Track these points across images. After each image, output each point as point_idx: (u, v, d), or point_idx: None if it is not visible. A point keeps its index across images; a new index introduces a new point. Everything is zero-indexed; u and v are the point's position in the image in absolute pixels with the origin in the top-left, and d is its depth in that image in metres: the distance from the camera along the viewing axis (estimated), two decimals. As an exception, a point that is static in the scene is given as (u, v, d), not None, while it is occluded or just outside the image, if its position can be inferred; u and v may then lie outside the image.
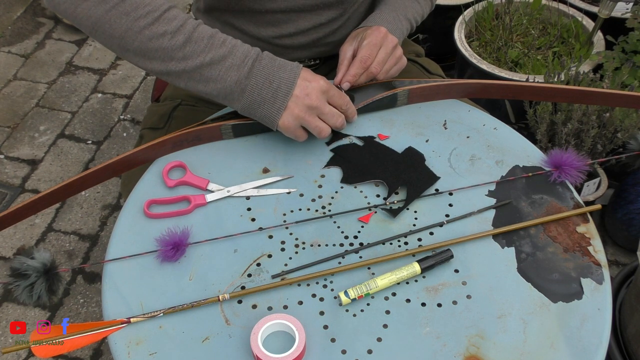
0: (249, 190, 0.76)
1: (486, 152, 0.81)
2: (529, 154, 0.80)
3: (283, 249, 0.70)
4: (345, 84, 0.84)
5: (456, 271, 0.68)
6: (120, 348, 0.62)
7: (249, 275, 0.68)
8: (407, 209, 0.74)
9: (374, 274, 0.67)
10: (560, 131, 1.29)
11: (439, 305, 0.65)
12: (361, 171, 0.78)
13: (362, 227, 0.72)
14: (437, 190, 0.76)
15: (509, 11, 1.59)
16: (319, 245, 0.70)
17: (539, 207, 0.74)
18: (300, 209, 0.74)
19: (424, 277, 0.67)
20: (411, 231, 0.72)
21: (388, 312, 0.64)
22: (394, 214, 0.73)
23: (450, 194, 0.76)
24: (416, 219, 0.73)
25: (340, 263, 0.69)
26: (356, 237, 0.71)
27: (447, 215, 0.73)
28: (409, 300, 0.65)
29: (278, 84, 0.73)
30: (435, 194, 0.76)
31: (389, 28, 0.87)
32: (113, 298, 0.66)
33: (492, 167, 0.79)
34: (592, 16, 1.57)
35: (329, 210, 0.74)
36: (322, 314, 0.64)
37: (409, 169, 0.78)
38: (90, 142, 1.83)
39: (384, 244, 0.71)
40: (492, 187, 0.76)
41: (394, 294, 0.66)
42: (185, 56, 0.72)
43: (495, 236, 0.71)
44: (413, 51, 1.09)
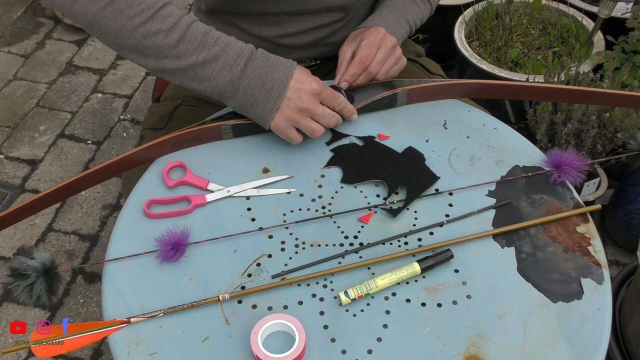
0: (249, 190, 0.76)
1: (486, 152, 0.81)
2: (529, 154, 0.80)
3: (283, 249, 0.70)
4: (344, 83, 0.84)
5: (456, 271, 0.68)
6: (120, 348, 0.62)
7: (249, 275, 0.68)
8: (407, 209, 0.74)
9: (374, 274, 0.67)
10: (560, 131, 1.29)
11: (439, 305, 0.65)
12: (361, 171, 0.78)
13: (362, 227, 0.72)
14: (437, 190, 0.76)
15: (509, 11, 1.59)
16: (319, 245, 0.70)
17: (539, 207, 0.74)
18: (300, 209, 0.74)
19: (424, 277, 0.67)
20: (411, 231, 0.72)
21: (388, 312, 0.64)
22: (394, 214, 0.73)
23: (450, 194, 0.76)
24: (416, 219, 0.73)
25: (340, 263, 0.69)
26: (356, 237, 0.71)
27: (447, 215, 0.73)
28: (409, 300, 0.65)
29: (270, 84, 0.73)
30: (435, 194, 0.76)
31: (388, 29, 0.88)
32: (113, 298, 0.66)
33: (492, 167, 0.79)
34: (592, 16, 1.57)
35: (329, 210, 0.74)
36: (322, 314, 0.64)
37: (409, 169, 0.78)
38: (90, 142, 1.83)
39: (384, 244, 0.71)
40: (492, 187, 0.76)
41: (394, 294, 0.66)
42: (179, 55, 0.72)
43: (495, 236, 0.71)
44: (413, 51, 1.09)
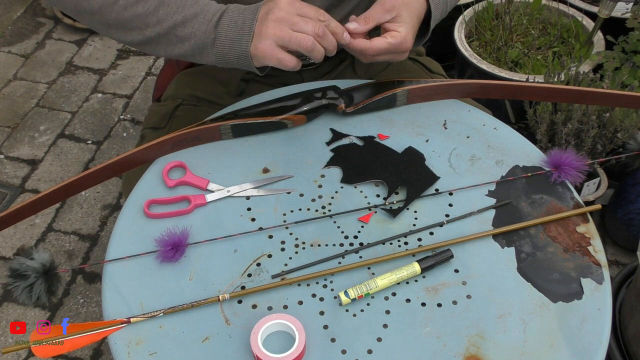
0: (249, 190, 0.76)
1: (486, 152, 0.81)
2: (529, 154, 0.80)
3: (283, 249, 0.70)
4: (353, 24, 0.76)
5: (456, 271, 0.68)
6: (120, 348, 0.62)
7: (249, 275, 0.68)
8: (407, 209, 0.74)
9: (374, 274, 0.67)
10: (560, 131, 1.29)
11: (439, 305, 0.65)
12: (361, 171, 0.78)
13: (362, 227, 0.72)
14: (437, 190, 0.76)
15: (509, 11, 1.58)
16: (319, 245, 0.70)
17: (539, 207, 0.74)
18: (300, 209, 0.74)
19: (424, 277, 0.67)
20: (411, 231, 0.72)
21: (388, 312, 0.64)
22: (394, 214, 0.73)
23: (450, 194, 0.76)
24: (416, 219, 0.73)
25: (340, 263, 0.69)
26: (356, 237, 0.71)
27: (447, 215, 0.73)
28: (409, 300, 0.65)
29: (242, 20, 0.72)
30: (435, 194, 0.76)
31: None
32: (113, 298, 0.66)
33: (492, 167, 0.79)
34: (592, 16, 1.56)
35: (329, 210, 0.74)
36: (322, 314, 0.64)
37: (409, 169, 0.78)
38: (90, 142, 1.83)
39: (384, 244, 0.71)
40: (492, 187, 0.76)
41: (394, 294, 0.66)
42: (159, 20, 0.72)
43: (495, 236, 0.71)
44: (414, 50, 1.08)
